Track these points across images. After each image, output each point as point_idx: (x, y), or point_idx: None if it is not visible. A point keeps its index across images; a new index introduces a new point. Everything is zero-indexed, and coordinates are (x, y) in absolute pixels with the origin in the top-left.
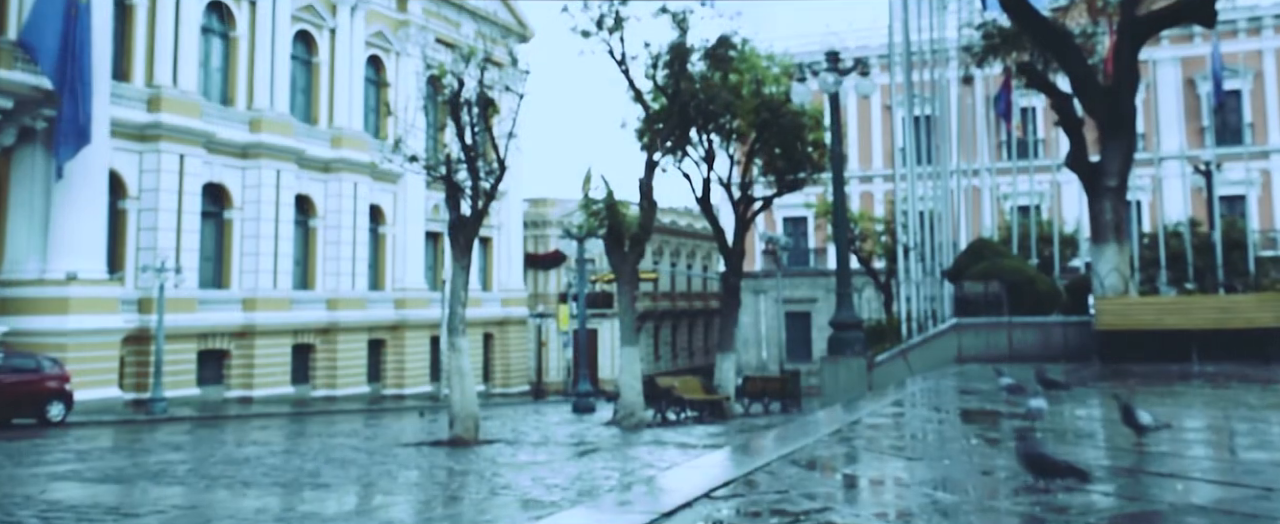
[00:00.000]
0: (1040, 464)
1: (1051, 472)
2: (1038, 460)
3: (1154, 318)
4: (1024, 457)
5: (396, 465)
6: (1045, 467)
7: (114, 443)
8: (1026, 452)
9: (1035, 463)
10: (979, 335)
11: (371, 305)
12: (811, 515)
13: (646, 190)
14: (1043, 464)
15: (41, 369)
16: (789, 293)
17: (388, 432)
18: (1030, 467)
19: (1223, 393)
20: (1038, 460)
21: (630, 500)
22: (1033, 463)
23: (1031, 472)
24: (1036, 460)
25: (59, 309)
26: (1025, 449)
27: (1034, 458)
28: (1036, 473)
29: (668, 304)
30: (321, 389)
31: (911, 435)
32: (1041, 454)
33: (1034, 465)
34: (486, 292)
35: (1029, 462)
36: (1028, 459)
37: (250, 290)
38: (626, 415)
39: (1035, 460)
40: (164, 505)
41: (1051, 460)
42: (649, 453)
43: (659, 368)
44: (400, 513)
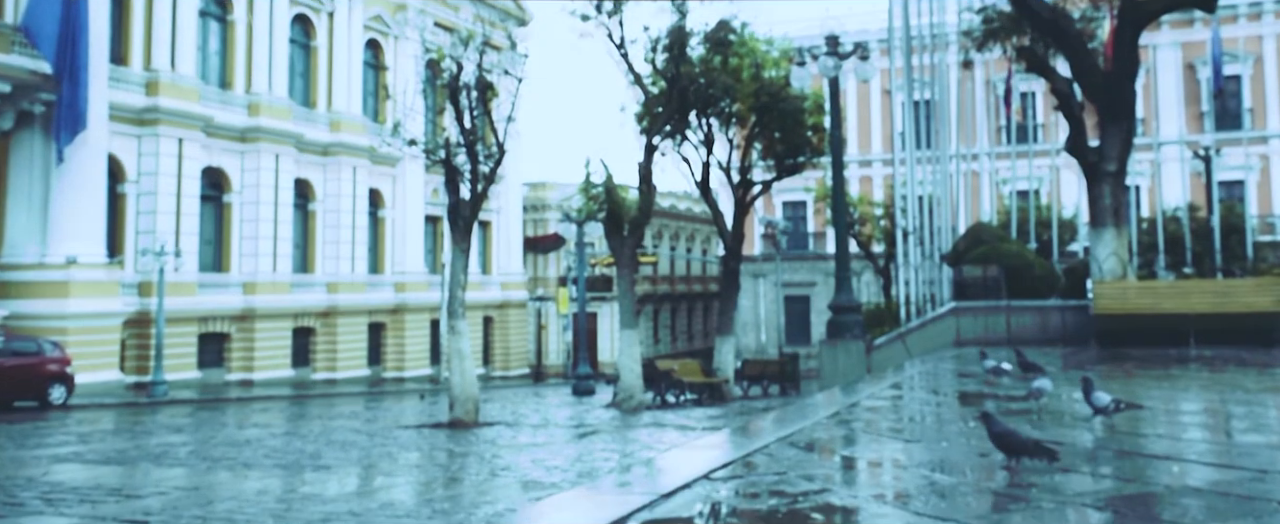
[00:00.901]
0: (1008, 443)
1: (1019, 450)
2: (1005, 439)
3: (1151, 302)
4: (992, 436)
5: (397, 447)
6: (1013, 446)
7: (115, 425)
8: (994, 431)
9: (1003, 442)
10: (977, 319)
11: (371, 289)
12: (810, 496)
13: (645, 174)
14: (1010, 443)
15: (42, 352)
16: (788, 277)
17: (388, 414)
18: (999, 446)
19: (1219, 377)
20: (1005, 439)
21: (630, 482)
22: (1001, 442)
23: (1000, 451)
24: (1004, 439)
25: (59, 293)
26: (993, 429)
27: (1002, 437)
28: (1005, 452)
29: (667, 288)
30: (322, 372)
31: (909, 418)
32: (1009, 433)
33: (1002, 444)
34: (486, 275)
35: (997, 441)
36: (996, 438)
37: (250, 274)
38: (626, 398)
39: (1003, 440)
40: (166, 487)
41: (1019, 439)
42: (648, 435)
43: (658, 351)
44: (401, 494)
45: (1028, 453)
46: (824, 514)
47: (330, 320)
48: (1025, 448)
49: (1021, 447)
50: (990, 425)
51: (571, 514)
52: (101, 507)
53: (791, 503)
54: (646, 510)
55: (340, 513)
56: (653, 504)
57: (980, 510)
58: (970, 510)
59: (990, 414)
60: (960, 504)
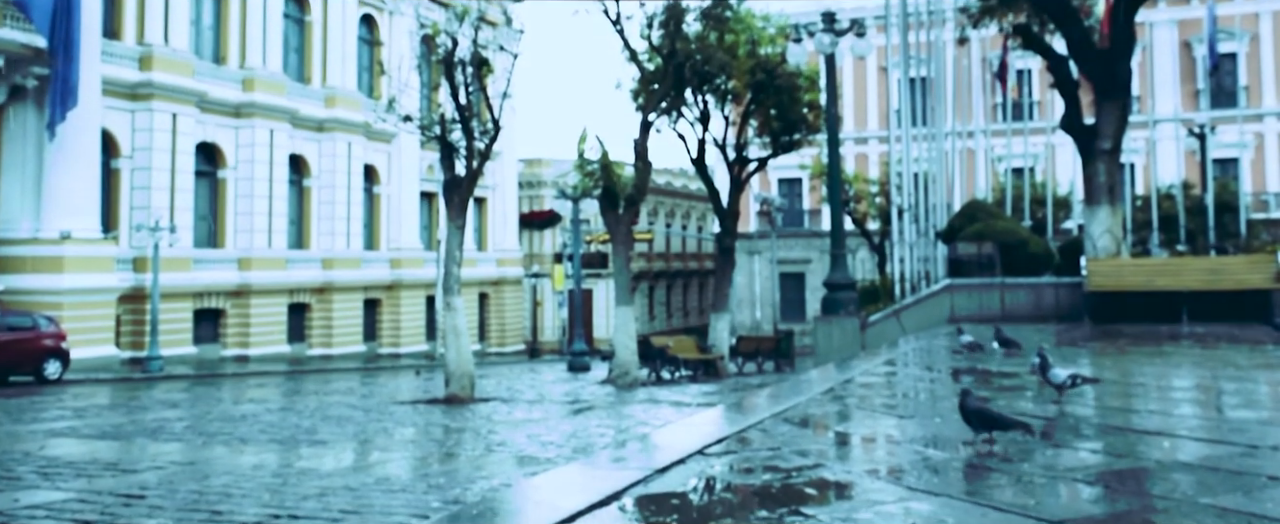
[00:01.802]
0: (983, 419)
1: (994, 425)
2: (980, 415)
3: (1145, 279)
4: (967, 412)
5: (393, 423)
6: (988, 421)
7: (111, 400)
8: (969, 407)
9: (978, 418)
10: (972, 296)
11: (367, 265)
12: (804, 472)
13: (641, 151)
14: (986, 419)
15: (38, 327)
16: (783, 254)
17: (384, 390)
18: (973, 421)
19: (1212, 353)
20: (980, 415)
21: (625, 457)
22: (976, 418)
23: (975, 426)
24: (979, 415)
25: (53, 268)
26: (968, 405)
27: (977, 413)
28: (979, 427)
29: (662, 264)
30: (317, 348)
31: (903, 394)
32: (984, 409)
33: (977, 420)
34: (482, 252)
35: (973, 417)
36: (971, 414)
37: (245, 250)
38: (621, 374)
39: (978, 415)
40: (162, 461)
41: (994, 415)
42: (643, 411)
43: (653, 328)
44: (397, 469)
45: (1002, 427)
46: (818, 489)
47: (326, 296)
48: (999, 423)
49: (995, 422)
50: (965, 401)
51: (567, 489)
52: (98, 481)
53: (785, 478)
54: (641, 485)
55: (336, 487)
56: (648, 479)
57: (971, 485)
58: (962, 485)
59: (967, 391)
60: (953, 479)
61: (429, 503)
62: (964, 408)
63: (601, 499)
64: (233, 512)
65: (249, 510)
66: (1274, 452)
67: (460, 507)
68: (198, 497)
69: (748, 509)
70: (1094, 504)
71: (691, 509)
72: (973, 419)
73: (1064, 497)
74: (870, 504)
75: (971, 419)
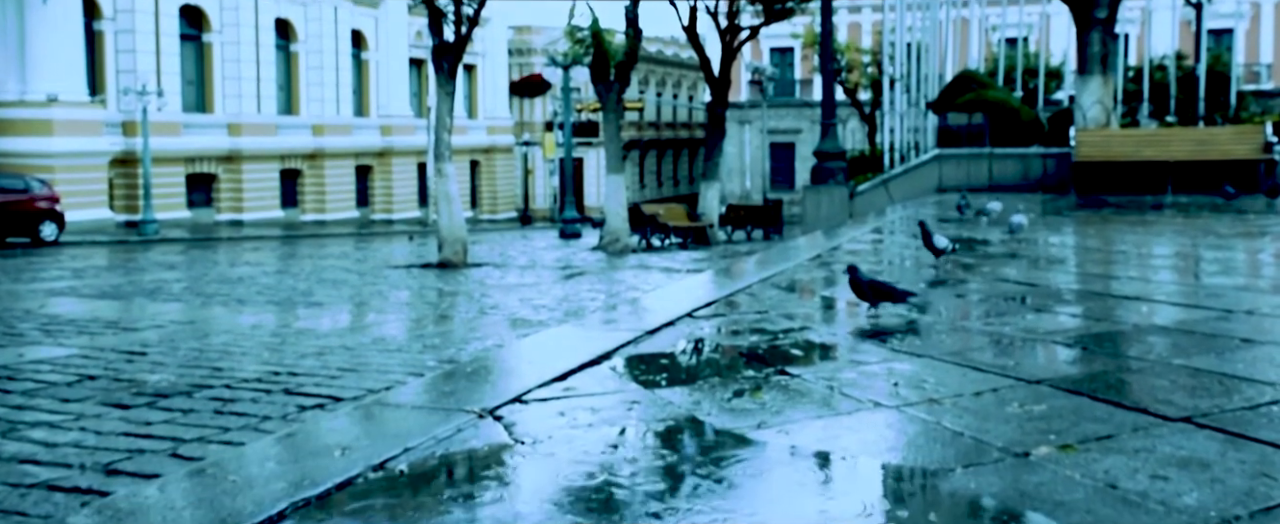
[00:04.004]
0: (872, 290)
1: (881, 296)
2: (869, 286)
3: (1132, 150)
4: (859, 285)
5: (387, 286)
6: (877, 292)
7: (108, 262)
8: (858, 280)
9: (866, 289)
10: (960, 165)
11: (357, 132)
12: (790, 333)
13: (632, 18)
14: (874, 290)
15: (31, 190)
16: (774, 123)
17: (377, 255)
18: (862, 292)
19: (1194, 222)
20: (869, 286)
21: (616, 319)
22: (864, 289)
23: (863, 297)
24: (867, 286)
25: (42, 131)
26: (857, 278)
27: (865, 284)
28: (868, 298)
29: (653, 133)
30: (310, 214)
31: (889, 261)
32: (873, 281)
33: (865, 291)
34: (472, 119)
35: (861, 288)
36: (860, 286)
37: (234, 115)
38: (612, 241)
39: (866, 286)
40: (162, 321)
41: (881, 286)
42: (634, 276)
43: (644, 196)
44: (392, 330)
45: (890, 298)
46: (803, 350)
47: (317, 162)
48: (887, 294)
49: (884, 293)
50: (855, 276)
51: (559, 349)
52: (99, 338)
53: (772, 339)
54: (632, 346)
55: (334, 347)
56: (637, 340)
57: (954, 347)
58: (944, 348)
59: (855, 267)
60: (935, 342)
61: (424, 362)
62: (855, 282)
63: (592, 359)
64: (233, 368)
65: (249, 367)
66: (1248, 316)
67: (455, 365)
68: (198, 354)
69: (735, 369)
70: (1071, 365)
71: (680, 369)
72: (866, 291)
73: (1042, 358)
74: (854, 364)
75: (864, 291)
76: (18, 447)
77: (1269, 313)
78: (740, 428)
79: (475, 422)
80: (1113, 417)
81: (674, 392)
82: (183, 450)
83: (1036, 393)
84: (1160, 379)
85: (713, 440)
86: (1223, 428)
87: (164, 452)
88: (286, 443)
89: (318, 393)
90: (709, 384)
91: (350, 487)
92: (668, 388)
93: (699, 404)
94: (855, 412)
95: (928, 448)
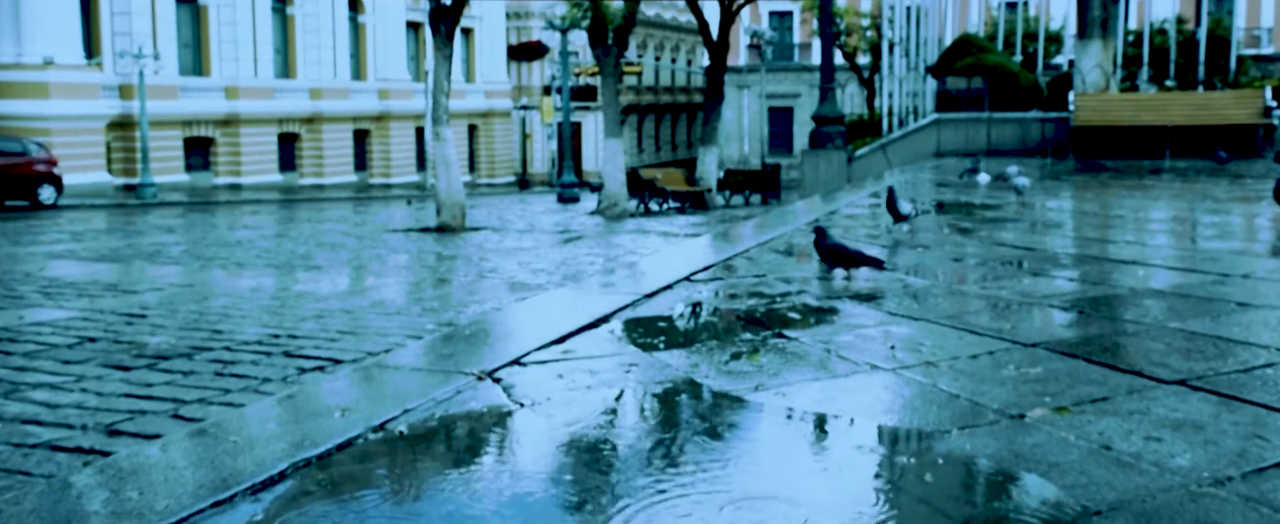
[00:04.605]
0: (837, 255)
1: (847, 261)
2: (834, 251)
3: (1131, 114)
4: (822, 248)
5: (386, 250)
6: (842, 257)
7: (107, 225)
8: (824, 244)
9: (832, 253)
10: (958, 130)
11: (355, 95)
12: (787, 297)
13: None
14: (839, 255)
15: (28, 153)
16: (772, 88)
17: (376, 219)
18: (827, 257)
19: (1192, 186)
20: (834, 251)
21: (614, 283)
22: (830, 254)
23: (828, 262)
24: (833, 251)
25: (39, 94)
26: (823, 242)
27: (831, 249)
28: (833, 263)
29: (652, 97)
30: (309, 177)
31: (886, 225)
32: (839, 246)
33: (831, 256)
34: (470, 83)
35: (827, 252)
36: (826, 251)
37: (231, 78)
38: (610, 205)
39: (832, 251)
40: (161, 283)
41: (847, 251)
42: (632, 241)
43: (642, 160)
44: (391, 293)
45: (856, 263)
46: (800, 313)
47: (315, 126)
48: (853, 259)
49: (850, 258)
50: (820, 239)
51: (557, 312)
52: (99, 301)
53: (770, 303)
54: (630, 309)
55: (333, 310)
56: (635, 303)
57: (950, 311)
58: (941, 311)
59: (821, 228)
60: (931, 305)
61: (423, 325)
62: (820, 245)
63: (591, 322)
64: (233, 331)
65: (249, 330)
66: (1244, 280)
67: (453, 328)
68: (198, 316)
69: (733, 332)
70: (1067, 328)
71: (678, 332)
72: (827, 256)
73: (1038, 321)
74: (851, 328)
75: (826, 256)
76: (20, 407)
77: (1264, 277)
78: (738, 390)
79: (474, 384)
80: (1108, 379)
81: (672, 354)
82: (184, 412)
83: (1032, 356)
84: (1156, 342)
85: (710, 403)
86: (1217, 390)
87: (165, 413)
88: (287, 404)
89: (317, 355)
90: (707, 347)
91: (350, 447)
92: (666, 351)
93: (697, 367)
94: (852, 374)
95: (924, 410)
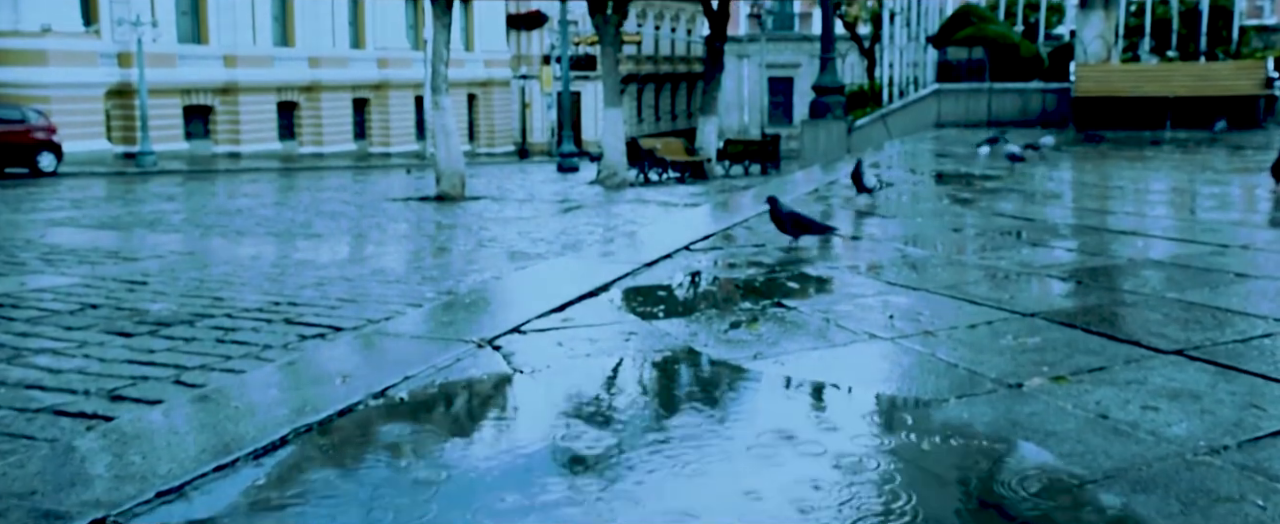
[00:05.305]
0: (794, 222)
1: (804, 229)
2: (791, 219)
3: (1132, 85)
4: (778, 216)
5: (386, 219)
6: (799, 224)
7: (107, 193)
8: (780, 212)
9: (789, 221)
10: (959, 100)
11: (353, 64)
12: (786, 267)
13: None
14: (797, 222)
15: (27, 120)
16: (772, 58)
17: (375, 187)
18: (784, 225)
19: (1192, 157)
20: (791, 219)
21: (613, 252)
22: (786, 221)
23: (786, 230)
24: (790, 219)
25: (37, 61)
26: (779, 210)
27: (788, 217)
28: (790, 231)
29: (651, 67)
30: (308, 146)
31: (885, 196)
32: (794, 213)
33: (788, 223)
34: (469, 52)
35: (783, 220)
36: (781, 218)
37: (229, 46)
38: (609, 175)
39: (789, 219)
40: (162, 251)
41: (804, 219)
42: (631, 210)
43: (642, 130)
44: (391, 262)
45: (812, 231)
46: (799, 283)
47: (314, 95)
48: (810, 227)
49: (807, 226)
50: (775, 207)
51: (557, 281)
52: (100, 268)
53: (769, 272)
54: (629, 278)
55: (333, 278)
56: (635, 272)
57: (949, 280)
58: (939, 281)
59: (774, 198)
60: (930, 275)
61: (423, 293)
62: (775, 213)
63: (590, 291)
64: (234, 298)
65: (249, 297)
66: (1243, 251)
67: (453, 296)
68: (199, 284)
69: (731, 301)
70: (1066, 298)
71: (677, 301)
72: (785, 224)
73: (1037, 291)
74: (850, 297)
75: (784, 224)
76: (23, 372)
77: (1263, 248)
78: (736, 359)
79: (474, 351)
80: (1105, 349)
81: (671, 323)
82: (185, 377)
83: (1031, 326)
84: (1154, 313)
85: (709, 371)
86: (1214, 360)
87: (167, 378)
88: (288, 371)
89: (318, 323)
90: (706, 316)
91: (351, 413)
92: (665, 320)
93: (696, 336)
94: (850, 343)
95: (922, 379)
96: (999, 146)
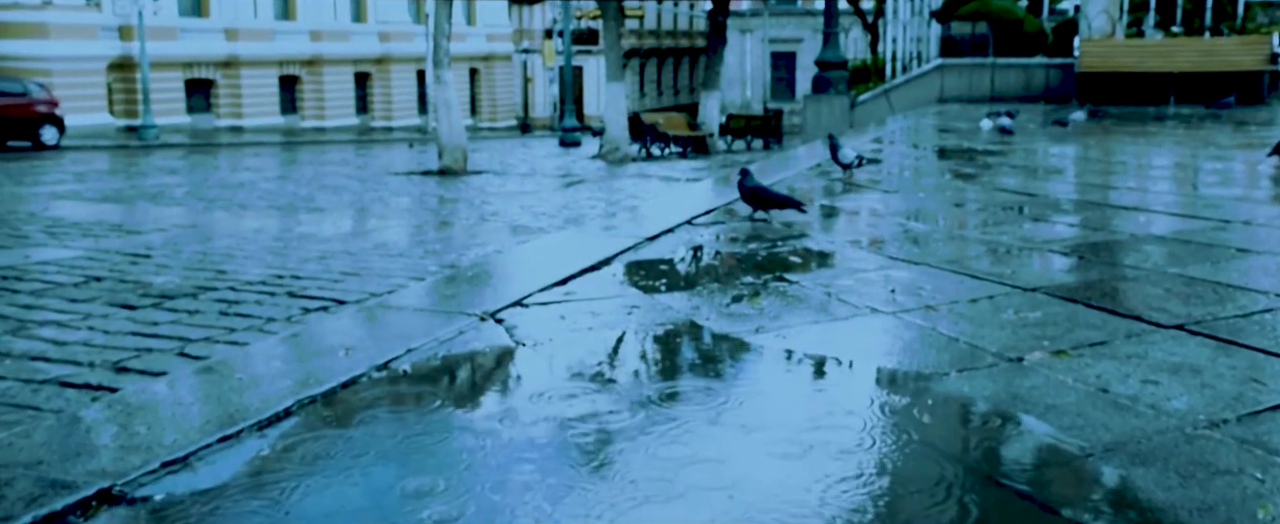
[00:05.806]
0: (760, 197)
1: (769, 204)
2: (756, 193)
3: (1136, 60)
4: (744, 190)
5: (388, 193)
6: (764, 199)
7: (110, 166)
8: (747, 186)
9: (754, 196)
10: (962, 76)
11: (355, 38)
12: (788, 241)
13: None
14: (761, 197)
15: (29, 94)
16: (775, 32)
17: (377, 161)
18: (750, 200)
19: (1195, 133)
20: (756, 193)
21: (615, 226)
22: (752, 196)
23: (751, 204)
24: (755, 193)
25: (38, 33)
26: (745, 184)
27: (753, 192)
28: (755, 205)
29: (654, 41)
30: (310, 120)
31: (887, 170)
32: (759, 187)
33: (753, 199)
34: (470, 26)
35: (749, 195)
36: (748, 193)
37: (231, 20)
38: (611, 150)
39: (754, 194)
40: (165, 224)
41: (770, 194)
42: (633, 185)
43: (644, 105)
44: (394, 236)
45: (779, 206)
46: (801, 257)
47: (316, 69)
48: (776, 202)
49: (772, 201)
50: (743, 181)
51: (559, 254)
52: (104, 241)
53: (770, 246)
54: (631, 252)
55: (336, 251)
56: (637, 246)
57: (950, 255)
58: (941, 255)
59: (745, 171)
60: (932, 250)
61: (426, 266)
62: (742, 187)
63: (592, 264)
64: (237, 271)
65: (252, 270)
66: (1245, 226)
67: (456, 270)
68: (202, 257)
69: (733, 275)
70: (1067, 273)
71: (679, 275)
72: (750, 198)
73: (1038, 266)
74: (852, 272)
75: (749, 198)
76: (28, 344)
77: (1265, 223)
78: (738, 332)
79: (477, 324)
80: (1106, 323)
81: (673, 297)
82: (189, 350)
83: (1032, 300)
84: (1155, 287)
85: (711, 344)
86: (1215, 335)
87: (171, 351)
88: (291, 343)
89: (321, 296)
90: (708, 290)
91: (354, 385)
92: (667, 293)
93: (698, 309)
94: (852, 317)
95: (923, 352)
96: (1000, 120)
